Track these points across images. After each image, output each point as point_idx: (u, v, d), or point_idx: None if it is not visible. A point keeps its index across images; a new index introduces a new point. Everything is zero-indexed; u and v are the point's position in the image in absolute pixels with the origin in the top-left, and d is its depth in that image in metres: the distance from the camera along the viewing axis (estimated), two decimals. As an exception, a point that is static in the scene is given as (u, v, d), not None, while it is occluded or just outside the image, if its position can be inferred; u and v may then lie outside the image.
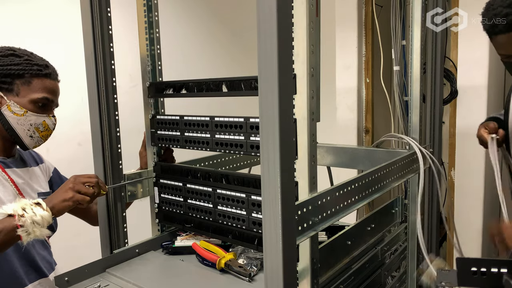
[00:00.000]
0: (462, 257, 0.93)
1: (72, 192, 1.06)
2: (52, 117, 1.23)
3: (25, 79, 1.16)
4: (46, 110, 1.21)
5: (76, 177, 1.10)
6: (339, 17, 2.44)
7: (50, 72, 1.21)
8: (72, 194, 1.06)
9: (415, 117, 1.41)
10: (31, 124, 1.18)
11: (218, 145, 1.10)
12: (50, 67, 1.22)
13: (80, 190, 1.07)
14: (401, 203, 1.37)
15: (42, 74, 1.19)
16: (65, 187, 1.07)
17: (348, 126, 2.47)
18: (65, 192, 1.06)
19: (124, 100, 1.40)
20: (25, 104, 1.17)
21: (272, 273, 0.70)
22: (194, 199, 1.21)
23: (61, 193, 1.07)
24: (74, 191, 1.07)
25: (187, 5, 2.78)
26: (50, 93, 1.21)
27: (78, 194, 1.06)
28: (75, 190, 1.07)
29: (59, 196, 1.06)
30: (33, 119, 1.18)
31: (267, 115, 0.67)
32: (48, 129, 1.23)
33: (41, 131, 1.21)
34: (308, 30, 0.79)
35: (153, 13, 1.30)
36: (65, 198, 1.05)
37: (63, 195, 1.06)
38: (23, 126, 1.17)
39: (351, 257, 1.10)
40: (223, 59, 2.99)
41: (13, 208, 0.98)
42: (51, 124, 1.23)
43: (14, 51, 1.20)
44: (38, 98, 1.18)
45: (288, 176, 0.69)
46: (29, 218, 0.97)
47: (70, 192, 1.06)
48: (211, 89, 1.10)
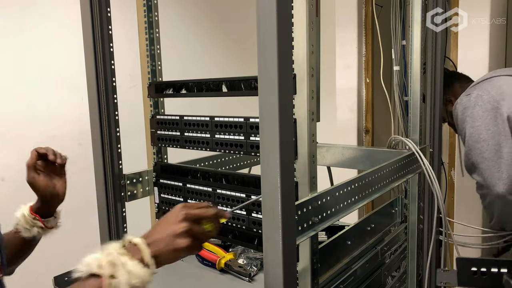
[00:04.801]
0: (462, 257, 0.93)
1: (189, 239, 0.71)
2: None
3: None
4: None
5: (187, 211, 0.72)
6: (339, 17, 2.44)
7: None
8: (189, 241, 0.70)
9: (415, 117, 1.41)
10: None
11: (218, 145, 1.10)
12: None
13: (197, 234, 0.72)
14: (401, 203, 1.37)
15: None
16: (176, 228, 0.71)
17: (348, 126, 2.47)
18: (177, 237, 0.70)
19: (124, 100, 1.40)
20: None
21: (272, 273, 0.70)
22: (194, 199, 1.20)
23: (170, 235, 0.70)
24: (191, 236, 0.71)
25: (187, 5, 2.78)
26: None
27: (197, 241, 0.72)
28: (192, 235, 0.71)
29: (169, 242, 0.70)
30: None
31: (267, 115, 0.67)
32: None
33: None
34: (308, 30, 0.79)
35: (153, 13, 1.30)
36: (178, 248, 0.70)
37: (175, 241, 0.70)
38: None
39: (351, 257, 1.10)
40: (223, 59, 2.99)
41: (98, 264, 0.66)
42: None
43: None
44: None
45: (288, 176, 0.69)
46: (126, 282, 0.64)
47: (186, 238, 0.70)
48: (211, 89, 1.10)
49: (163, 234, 0.70)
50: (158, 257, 0.68)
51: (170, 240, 0.70)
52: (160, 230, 0.72)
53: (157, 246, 0.69)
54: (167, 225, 0.72)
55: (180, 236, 0.70)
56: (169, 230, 0.71)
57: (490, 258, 1.54)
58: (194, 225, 0.72)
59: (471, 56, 2.08)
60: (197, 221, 0.73)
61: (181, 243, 0.70)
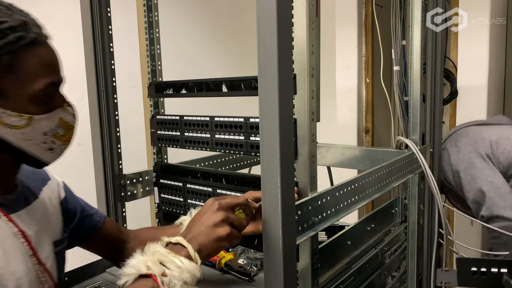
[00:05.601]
0: (462, 257, 0.93)
1: (228, 226, 0.72)
2: (68, 106, 0.78)
3: (4, 65, 0.67)
4: (57, 99, 0.76)
5: (220, 202, 0.74)
6: (339, 17, 2.44)
7: (37, 33, 0.71)
8: (229, 229, 0.72)
9: (415, 117, 1.41)
10: (44, 133, 0.73)
11: (218, 145, 1.10)
12: (29, 21, 0.71)
13: (233, 222, 0.74)
14: (401, 203, 1.37)
15: (29, 42, 0.69)
16: (214, 218, 0.72)
17: (348, 126, 2.47)
18: (216, 226, 0.71)
19: (124, 100, 1.40)
20: (23, 106, 0.70)
21: (272, 273, 0.70)
22: (194, 199, 1.20)
23: (209, 227, 0.71)
24: (229, 223, 0.73)
25: (187, 5, 2.78)
26: (52, 71, 0.73)
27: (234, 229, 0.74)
28: (229, 223, 0.73)
29: (209, 233, 0.71)
30: (44, 124, 0.73)
31: (267, 115, 0.67)
32: (70, 127, 0.78)
33: (61, 135, 0.76)
34: (308, 30, 0.79)
35: (153, 13, 1.30)
36: (219, 237, 0.71)
37: (214, 231, 0.71)
38: (34, 140, 0.72)
39: (351, 257, 1.10)
40: (223, 59, 2.99)
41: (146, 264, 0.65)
42: (71, 117, 0.78)
43: None
44: (40, 90, 0.70)
45: (288, 176, 0.69)
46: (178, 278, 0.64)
47: (225, 226, 0.72)
48: (211, 89, 1.10)
49: (202, 227, 0.71)
50: (201, 250, 0.69)
51: (210, 231, 0.71)
52: (197, 224, 0.73)
53: (198, 240, 0.70)
54: (204, 218, 0.73)
55: (219, 225, 0.71)
56: (207, 222, 0.72)
57: (490, 258, 1.54)
58: (229, 213, 0.74)
59: (471, 56, 2.08)
60: (230, 209, 0.75)
61: (221, 231, 0.71)
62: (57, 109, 0.75)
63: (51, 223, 0.85)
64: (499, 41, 2.25)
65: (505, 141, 1.59)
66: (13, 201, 0.77)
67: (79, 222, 0.95)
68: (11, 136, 0.70)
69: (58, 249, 0.84)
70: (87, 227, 0.97)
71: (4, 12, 0.69)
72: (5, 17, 0.68)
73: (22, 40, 0.68)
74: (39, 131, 0.72)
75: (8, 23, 0.67)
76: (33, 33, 0.70)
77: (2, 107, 0.68)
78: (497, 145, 1.58)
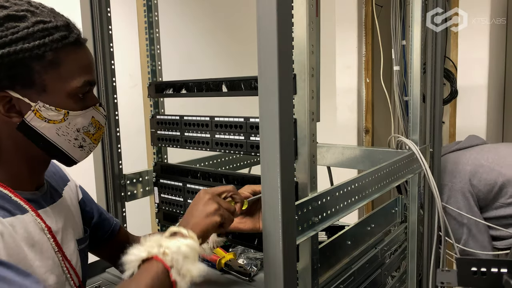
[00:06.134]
0: (462, 257, 0.93)
1: (216, 204, 0.77)
2: (100, 106, 0.81)
3: (48, 61, 0.70)
4: (91, 98, 0.79)
5: (211, 191, 0.80)
6: (339, 17, 2.44)
7: (78, 34, 0.75)
8: (217, 205, 0.77)
9: (415, 117, 1.41)
10: (77, 130, 0.76)
11: (218, 145, 1.10)
12: (71, 23, 0.76)
13: (220, 202, 0.79)
14: (401, 203, 1.37)
15: (71, 41, 0.73)
16: (201, 201, 0.78)
17: (348, 126, 2.48)
18: (204, 205, 0.77)
19: (124, 100, 1.40)
20: (62, 102, 0.73)
21: (272, 273, 0.70)
22: (194, 199, 1.20)
23: (198, 209, 0.77)
24: (216, 202, 0.78)
25: (187, 5, 2.78)
26: (89, 70, 0.76)
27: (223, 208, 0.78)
28: (216, 201, 0.78)
29: (198, 213, 0.76)
30: (79, 121, 0.76)
31: (267, 115, 0.67)
32: (100, 126, 0.81)
33: (92, 133, 0.79)
34: (308, 30, 0.79)
35: (153, 13, 1.30)
36: (208, 212, 0.76)
37: (203, 209, 0.76)
38: (67, 136, 0.75)
39: (351, 257, 1.10)
40: (223, 59, 2.99)
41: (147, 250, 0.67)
42: (102, 117, 0.81)
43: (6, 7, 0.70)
44: (78, 87, 0.73)
45: (288, 176, 0.69)
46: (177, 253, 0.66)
47: (212, 204, 0.77)
48: (211, 89, 1.10)
49: (198, 218, 0.76)
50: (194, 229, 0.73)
51: (199, 212, 0.76)
52: (193, 214, 0.77)
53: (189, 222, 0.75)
54: (199, 209, 0.77)
55: (207, 204, 0.77)
56: (203, 212, 0.76)
57: (490, 258, 1.54)
58: (221, 201, 0.79)
59: (471, 56, 2.09)
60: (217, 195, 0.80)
61: (210, 207, 0.76)
62: (90, 108, 0.78)
63: (74, 222, 0.87)
64: (499, 41, 2.25)
65: (480, 169, 1.64)
66: (40, 197, 0.79)
67: (99, 225, 0.99)
68: (46, 131, 0.73)
69: (82, 247, 0.86)
70: (106, 230, 1.00)
71: (48, 13, 0.74)
72: (50, 18, 0.72)
73: (65, 39, 0.72)
74: (73, 127, 0.75)
75: (53, 22, 0.71)
76: (75, 34, 0.74)
77: (43, 101, 0.71)
78: (474, 176, 1.64)
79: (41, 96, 0.71)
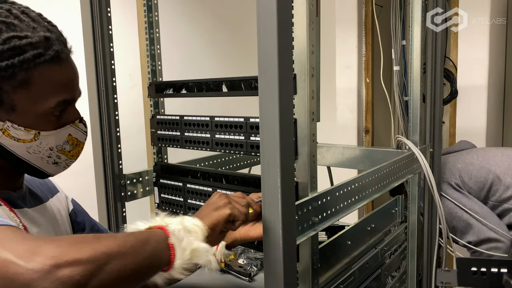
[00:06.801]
0: (462, 257, 0.93)
1: (226, 199, 0.77)
2: (80, 123, 0.78)
3: (18, 81, 0.66)
4: (69, 115, 0.75)
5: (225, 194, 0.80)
6: (339, 17, 2.44)
7: (57, 50, 0.69)
8: (227, 200, 0.77)
9: (415, 117, 1.41)
10: (50, 148, 0.73)
11: (218, 145, 1.10)
12: (52, 37, 0.70)
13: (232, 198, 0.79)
14: (401, 203, 1.37)
15: (47, 59, 0.68)
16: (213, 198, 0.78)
17: (348, 126, 2.48)
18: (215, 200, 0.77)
19: (124, 100, 1.40)
20: (32, 122, 0.70)
21: (272, 273, 0.70)
22: (194, 199, 1.20)
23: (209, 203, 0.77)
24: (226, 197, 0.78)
25: (187, 5, 2.78)
26: (66, 89, 0.72)
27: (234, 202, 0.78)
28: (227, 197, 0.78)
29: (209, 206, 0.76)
30: (51, 140, 0.73)
31: (267, 115, 0.67)
32: (79, 143, 0.78)
33: (68, 151, 0.76)
34: (308, 30, 0.79)
35: (153, 13, 1.30)
36: (219, 205, 0.75)
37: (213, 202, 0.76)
38: (39, 154, 0.73)
39: (351, 257, 1.10)
40: (223, 59, 2.99)
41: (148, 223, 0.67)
42: (81, 134, 0.78)
43: None
44: (51, 107, 0.70)
45: (288, 176, 0.69)
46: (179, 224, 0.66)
47: (223, 198, 0.77)
48: (211, 89, 1.10)
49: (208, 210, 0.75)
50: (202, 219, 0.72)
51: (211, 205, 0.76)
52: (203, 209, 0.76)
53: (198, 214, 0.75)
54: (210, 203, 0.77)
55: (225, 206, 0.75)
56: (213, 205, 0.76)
57: (490, 258, 1.54)
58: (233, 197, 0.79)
59: (471, 56, 2.09)
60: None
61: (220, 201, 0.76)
62: (67, 125, 0.75)
63: (60, 231, 0.85)
64: (499, 41, 2.25)
65: (470, 167, 1.64)
66: (17, 198, 0.77)
67: None
68: (16, 149, 0.71)
69: None
70: None
71: (28, 25, 0.68)
72: (27, 32, 0.67)
73: (39, 58, 0.67)
74: (45, 146, 0.72)
75: (28, 39, 0.66)
76: (53, 50, 0.69)
77: (11, 120, 0.68)
78: (465, 173, 1.64)
79: (10, 116, 0.68)
